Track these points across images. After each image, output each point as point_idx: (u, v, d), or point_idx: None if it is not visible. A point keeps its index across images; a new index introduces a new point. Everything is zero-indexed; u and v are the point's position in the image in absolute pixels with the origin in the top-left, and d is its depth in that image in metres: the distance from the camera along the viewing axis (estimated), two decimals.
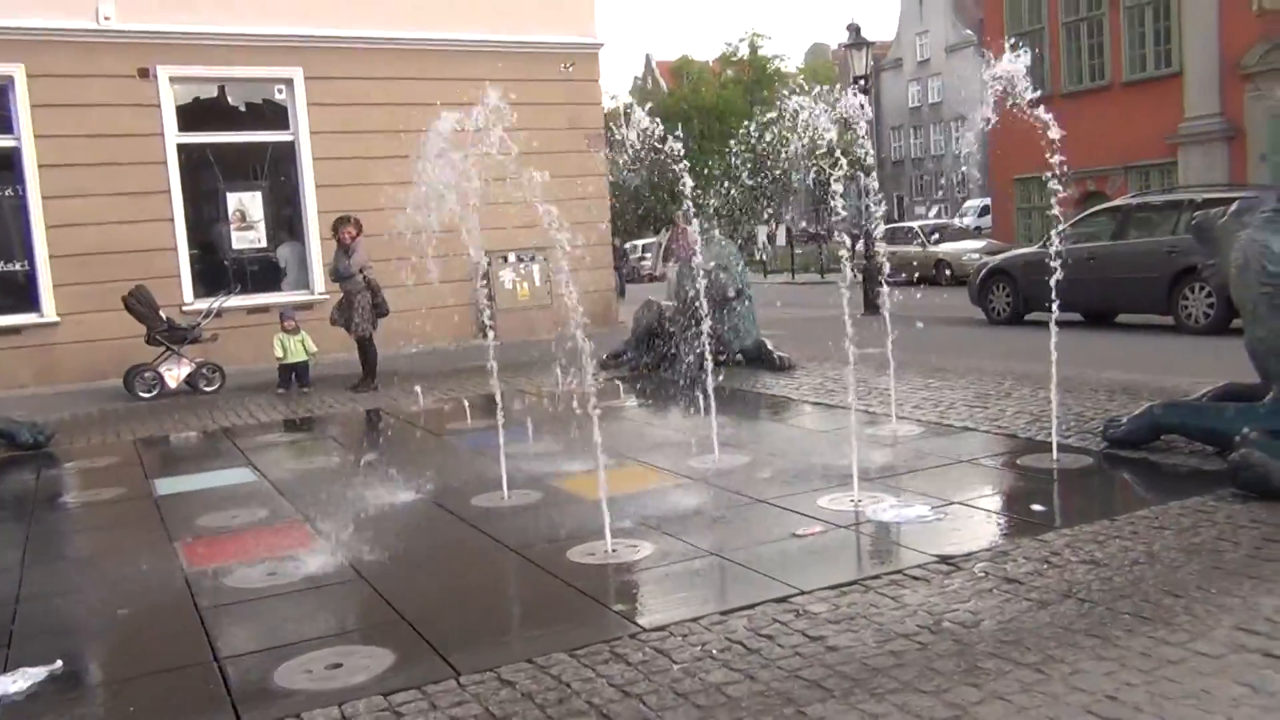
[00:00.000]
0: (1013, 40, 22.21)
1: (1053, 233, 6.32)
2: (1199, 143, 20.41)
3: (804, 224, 54.75)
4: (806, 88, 16.48)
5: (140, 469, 7.25)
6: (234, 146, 12.98)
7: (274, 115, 13.12)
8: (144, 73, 12.03)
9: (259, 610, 4.18)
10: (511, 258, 14.07)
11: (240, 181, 13.01)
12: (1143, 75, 21.60)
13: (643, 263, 37.35)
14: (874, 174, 7.64)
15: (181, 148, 12.42)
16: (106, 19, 11.78)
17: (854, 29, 18.02)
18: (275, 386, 10.41)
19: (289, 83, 12.91)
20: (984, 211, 33.11)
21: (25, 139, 11.59)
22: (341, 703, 3.20)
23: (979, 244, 23.31)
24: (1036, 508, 4.90)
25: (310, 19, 12.79)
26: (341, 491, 6.13)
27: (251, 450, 7.63)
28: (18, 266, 11.83)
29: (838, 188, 6.04)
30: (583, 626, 3.75)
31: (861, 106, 6.78)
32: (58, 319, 11.85)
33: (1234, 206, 5.64)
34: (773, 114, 59.38)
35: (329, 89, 13.04)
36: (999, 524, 4.70)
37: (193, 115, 12.62)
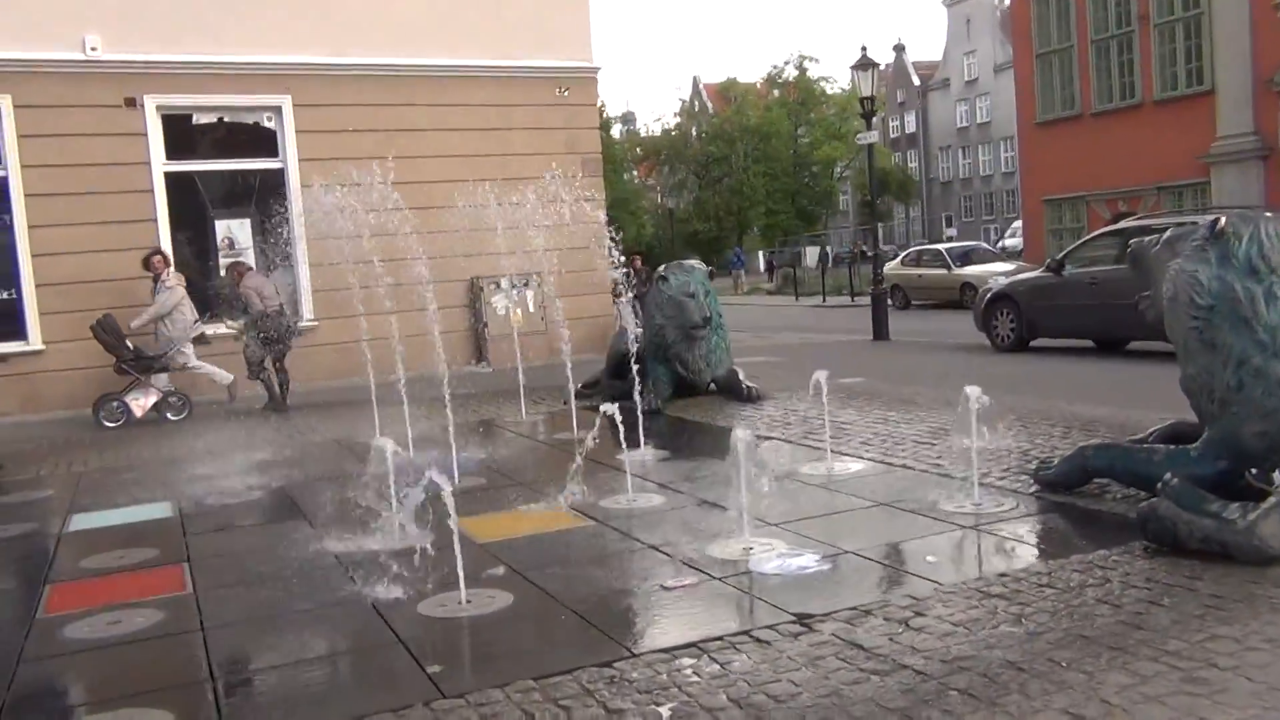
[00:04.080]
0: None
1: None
2: (1233, 161, 19.73)
3: (848, 246, 53.98)
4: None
5: (68, 502, 7.13)
6: (222, 174, 12.99)
7: (263, 143, 13.11)
8: (130, 102, 12.09)
9: (77, 665, 3.99)
10: (504, 283, 13.91)
11: (229, 209, 13.00)
12: (1174, 93, 20.97)
13: None
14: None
15: (169, 176, 12.46)
16: (93, 50, 11.86)
17: (864, 49, 17.66)
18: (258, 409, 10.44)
19: (277, 110, 12.91)
20: None
21: (12, 169, 11.68)
22: None
23: (1008, 266, 22.64)
24: (930, 559, 4.55)
25: (298, 46, 12.78)
26: (242, 531, 5.97)
27: (185, 483, 7.48)
28: (4, 295, 11.90)
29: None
30: (384, 692, 3.48)
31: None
32: (43, 347, 11.90)
33: (1168, 234, 5.25)
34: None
35: (318, 116, 13.00)
36: (882, 577, 4.36)
37: (180, 144, 12.65)
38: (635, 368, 7.28)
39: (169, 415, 10.40)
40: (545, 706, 3.24)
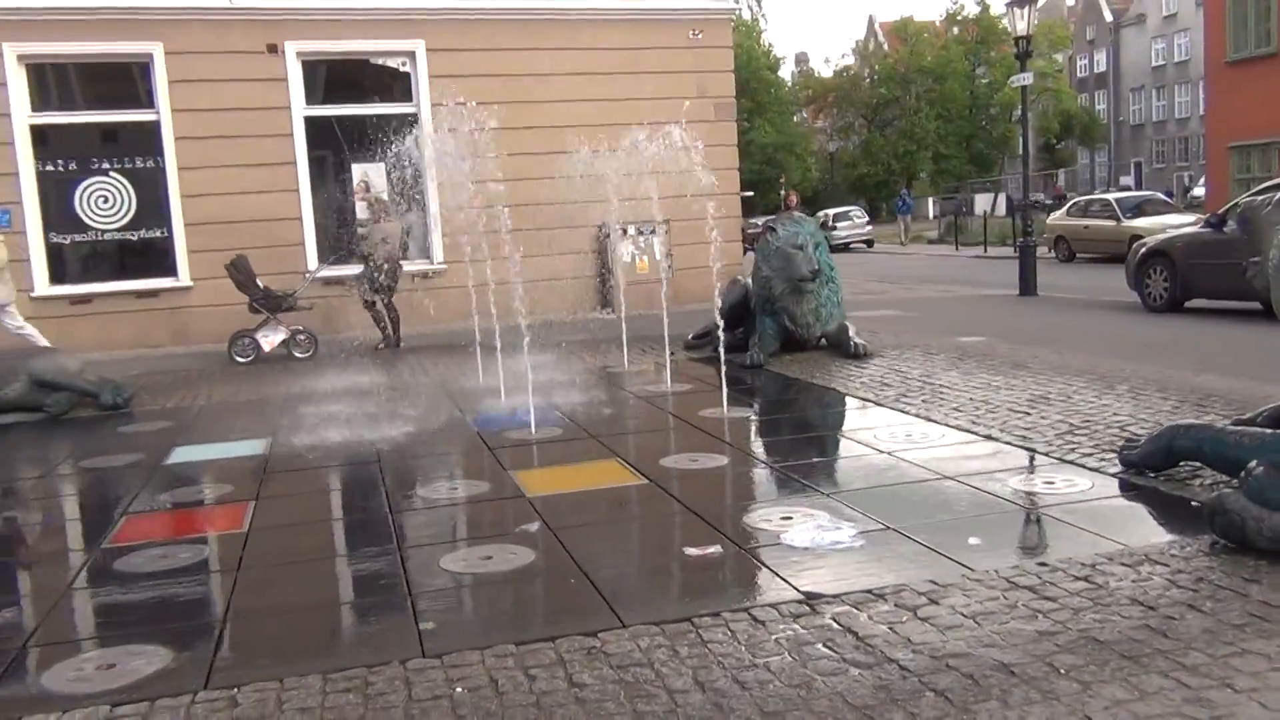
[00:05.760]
0: None
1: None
2: None
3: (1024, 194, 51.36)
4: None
5: (178, 435, 7.52)
6: (358, 118, 13.32)
7: (397, 87, 13.38)
8: (273, 48, 12.51)
9: (112, 596, 4.19)
10: (631, 230, 13.84)
11: (365, 153, 13.35)
12: None
13: (834, 232, 36.24)
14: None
15: (308, 120, 12.87)
16: None
17: None
18: (373, 348, 10.82)
19: (411, 55, 13.12)
20: None
21: (164, 113, 12.31)
22: (65, 710, 3.12)
23: (1184, 219, 21.04)
24: (973, 541, 4.26)
25: None
26: (317, 473, 6.16)
27: (288, 421, 7.76)
28: (158, 233, 12.61)
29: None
30: (370, 648, 3.51)
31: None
32: (191, 283, 12.59)
33: None
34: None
35: (451, 61, 13.15)
36: (914, 557, 4.09)
37: (319, 89, 13.04)
38: (720, 323, 7.09)
39: (296, 353, 10.85)
40: (513, 673, 3.19)
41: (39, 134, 12.23)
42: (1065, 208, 24.81)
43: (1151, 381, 7.11)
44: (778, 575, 3.96)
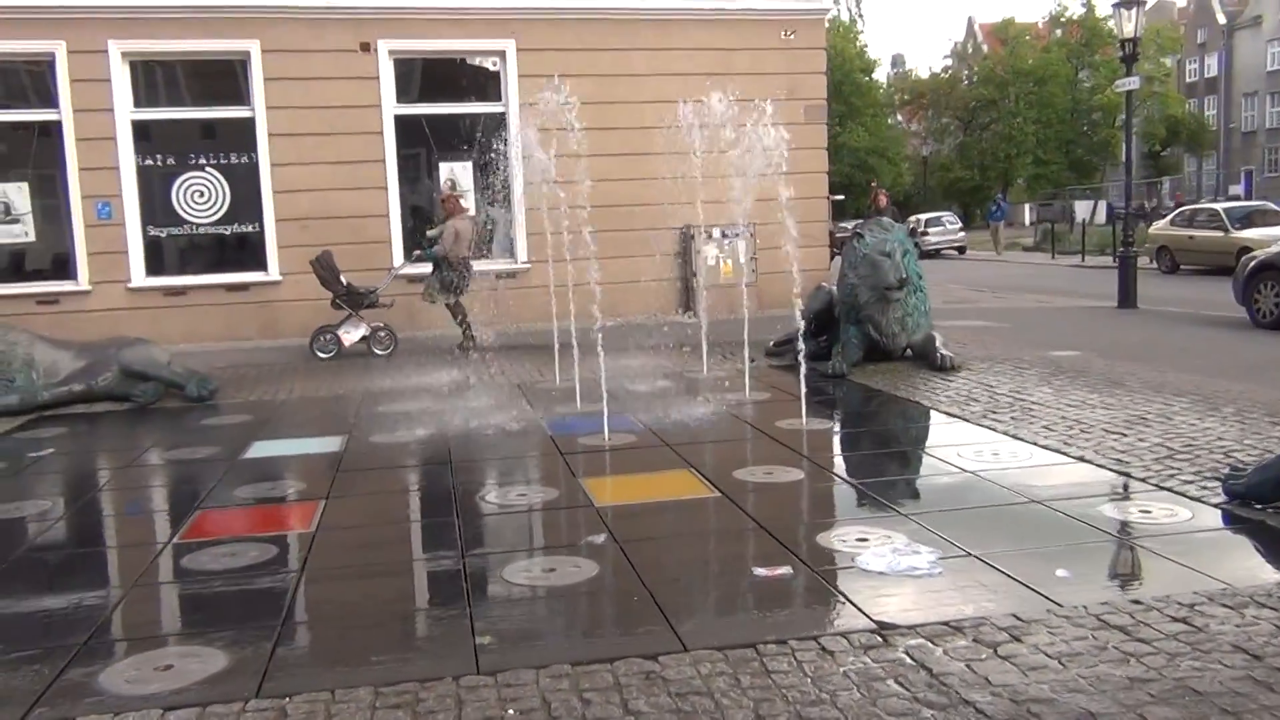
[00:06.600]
0: None
1: None
2: None
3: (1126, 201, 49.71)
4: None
5: (257, 429, 7.59)
6: (448, 118, 13.38)
7: (487, 87, 13.41)
8: (365, 47, 12.62)
9: (176, 594, 4.20)
10: (716, 233, 13.66)
11: (452, 152, 13.41)
12: None
13: (925, 237, 35.45)
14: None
15: (398, 119, 12.97)
16: None
17: None
18: (452, 348, 10.83)
19: (502, 55, 13.14)
20: None
21: (259, 110, 12.51)
22: (117, 713, 3.10)
23: None
24: (1061, 573, 4.01)
25: None
26: (387, 473, 6.15)
27: (366, 417, 7.79)
28: (250, 228, 12.83)
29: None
30: (426, 660, 3.45)
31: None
32: (280, 278, 12.77)
33: None
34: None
35: (541, 60, 13.10)
36: (996, 588, 3.87)
37: (409, 87, 13.14)
38: (803, 330, 6.91)
39: (376, 350, 10.92)
40: (566, 697, 3.08)
41: (140, 129, 12.52)
42: (1169, 216, 23.88)
43: (1260, 404, 6.72)
44: (850, 601, 3.79)
